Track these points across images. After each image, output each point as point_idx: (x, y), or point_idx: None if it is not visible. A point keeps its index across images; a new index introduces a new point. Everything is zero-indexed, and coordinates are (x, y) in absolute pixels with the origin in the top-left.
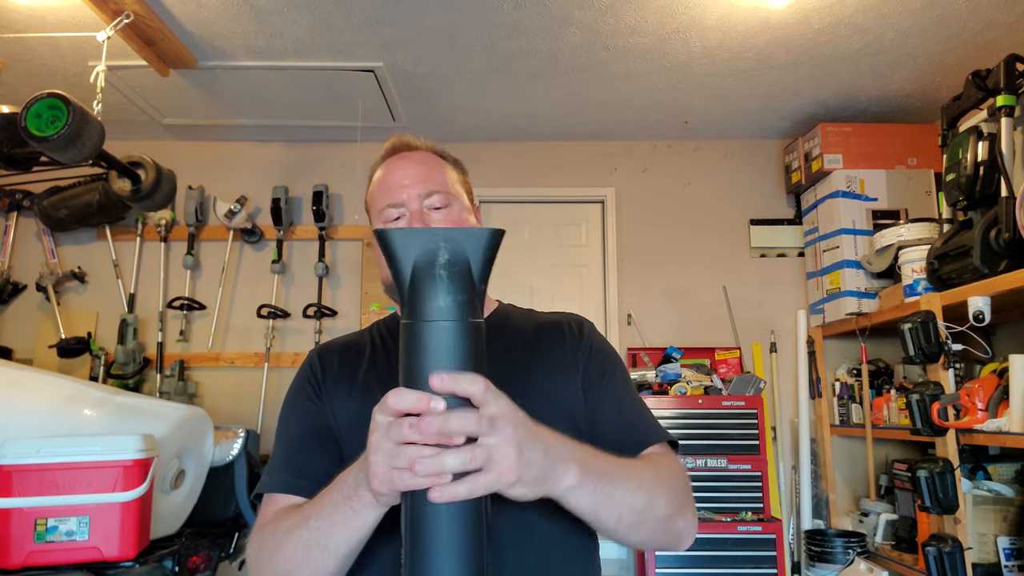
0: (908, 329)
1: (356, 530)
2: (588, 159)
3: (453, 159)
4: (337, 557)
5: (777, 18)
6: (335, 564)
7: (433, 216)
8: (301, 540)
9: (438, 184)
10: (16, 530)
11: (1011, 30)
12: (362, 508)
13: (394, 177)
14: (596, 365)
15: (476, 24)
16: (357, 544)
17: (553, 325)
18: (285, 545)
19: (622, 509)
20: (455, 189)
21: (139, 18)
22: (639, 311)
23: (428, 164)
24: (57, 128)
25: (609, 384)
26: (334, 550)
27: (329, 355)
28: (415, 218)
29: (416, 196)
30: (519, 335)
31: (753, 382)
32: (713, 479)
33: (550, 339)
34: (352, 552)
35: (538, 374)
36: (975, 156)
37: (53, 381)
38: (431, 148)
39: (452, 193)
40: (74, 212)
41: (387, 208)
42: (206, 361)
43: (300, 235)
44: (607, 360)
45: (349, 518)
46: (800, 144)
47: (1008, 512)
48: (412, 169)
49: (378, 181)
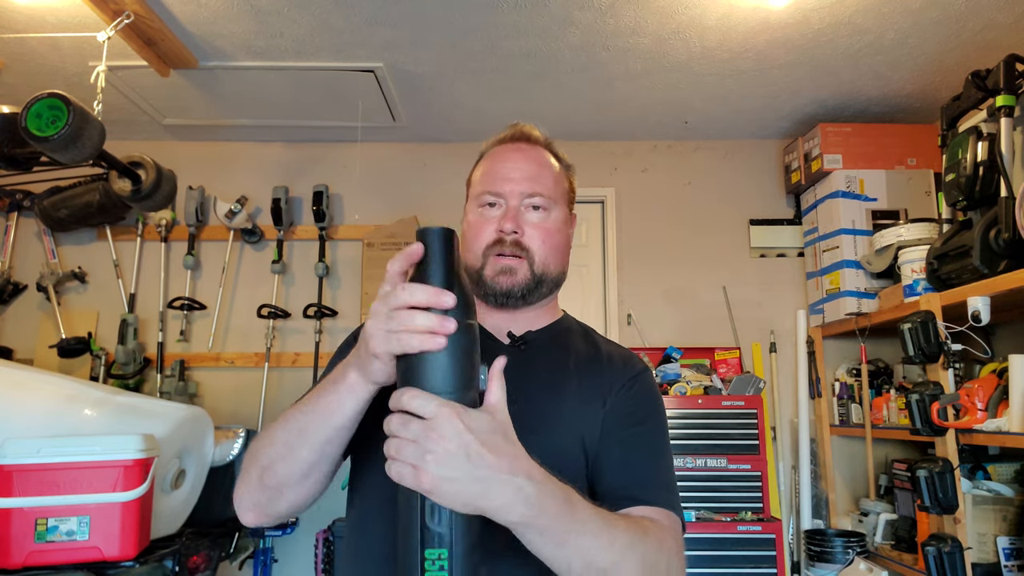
0: (908, 329)
1: (333, 414)
2: (588, 159)
3: (566, 164)
4: (311, 444)
5: (777, 18)
6: (309, 451)
7: (530, 216)
8: (287, 424)
9: (543, 187)
10: (16, 530)
11: (1011, 30)
12: (346, 391)
13: (504, 167)
14: (629, 406)
15: (476, 24)
16: (333, 432)
17: (607, 356)
18: (275, 431)
19: (574, 562)
20: (559, 195)
21: (139, 18)
22: (639, 311)
23: (540, 164)
24: (57, 128)
25: (633, 430)
26: (311, 435)
27: None
28: (511, 214)
29: (519, 193)
30: (566, 355)
31: (753, 382)
32: (713, 479)
33: (594, 369)
34: (326, 440)
35: (568, 402)
36: (975, 156)
37: (53, 381)
38: (548, 147)
39: (554, 198)
40: (74, 212)
41: (486, 194)
42: (206, 361)
43: (300, 235)
44: (642, 407)
45: (331, 401)
46: (800, 144)
47: (1008, 512)
48: (524, 165)
49: (487, 164)
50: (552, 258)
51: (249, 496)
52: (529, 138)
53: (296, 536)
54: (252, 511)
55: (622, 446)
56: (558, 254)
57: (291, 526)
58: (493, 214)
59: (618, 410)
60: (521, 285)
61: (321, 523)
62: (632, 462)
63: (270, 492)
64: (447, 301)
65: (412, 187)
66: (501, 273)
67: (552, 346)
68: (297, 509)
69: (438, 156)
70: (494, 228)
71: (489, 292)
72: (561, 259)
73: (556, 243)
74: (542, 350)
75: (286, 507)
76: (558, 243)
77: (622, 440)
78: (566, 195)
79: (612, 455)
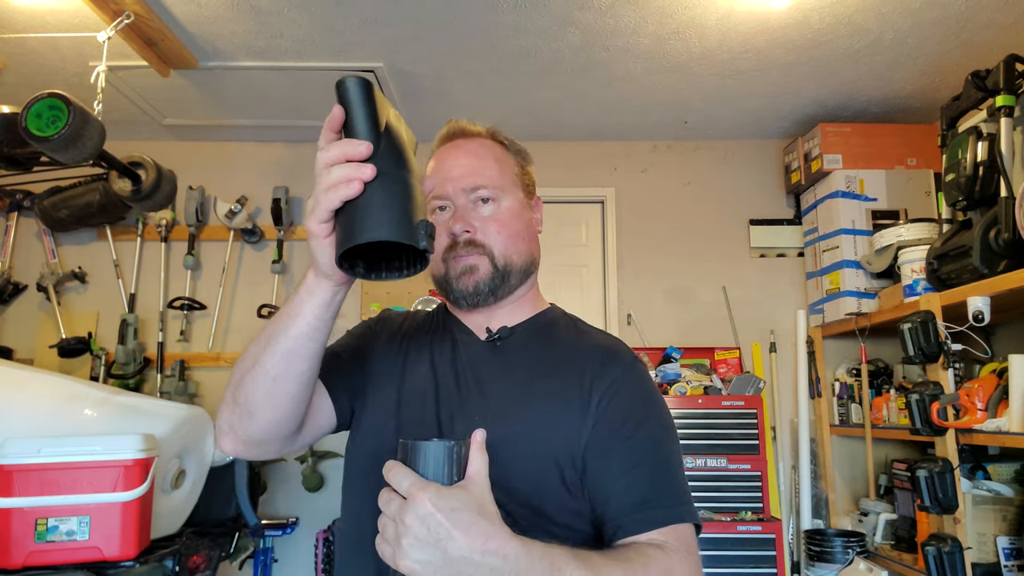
0: (908, 329)
1: (295, 317)
2: (588, 159)
3: (516, 148)
4: (276, 353)
5: (777, 18)
6: (273, 362)
7: (482, 211)
8: (257, 339)
9: (487, 179)
10: (17, 530)
11: (1010, 30)
12: (304, 293)
13: (445, 166)
14: (621, 412)
15: (476, 24)
16: (296, 341)
17: (589, 349)
18: (248, 348)
19: None
20: (508, 182)
21: (139, 19)
22: (639, 311)
23: (480, 156)
24: (58, 128)
25: (630, 443)
26: (276, 343)
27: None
28: (461, 213)
29: (462, 190)
30: (547, 350)
31: (753, 382)
32: (713, 479)
33: (575, 364)
34: (290, 351)
35: (540, 404)
36: (974, 156)
37: (54, 381)
38: (493, 136)
39: (502, 186)
40: (75, 212)
41: (433, 199)
42: (206, 361)
43: (300, 235)
44: (636, 410)
45: (292, 305)
46: (800, 144)
47: (1008, 512)
48: (464, 160)
49: (431, 167)
50: (513, 247)
51: (225, 418)
52: (465, 132)
53: (296, 536)
54: (228, 435)
55: (621, 461)
56: (520, 241)
57: (291, 526)
58: (444, 218)
59: (610, 418)
60: (486, 280)
61: (321, 523)
62: (634, 483)
63: (240, 411)
64: (360, 150)
65: None
66: (463, 273)
67: (532, 341)
68: (270, 437)
69: None
70: (446, 232)
71: (458, 295)
72: (524, 246)
73: (514, 231)
74: (520, 346)
75: (258, 430)
76: (516, 231)
77: (622, 455)
78: (517, 180)
79: (611, 472)
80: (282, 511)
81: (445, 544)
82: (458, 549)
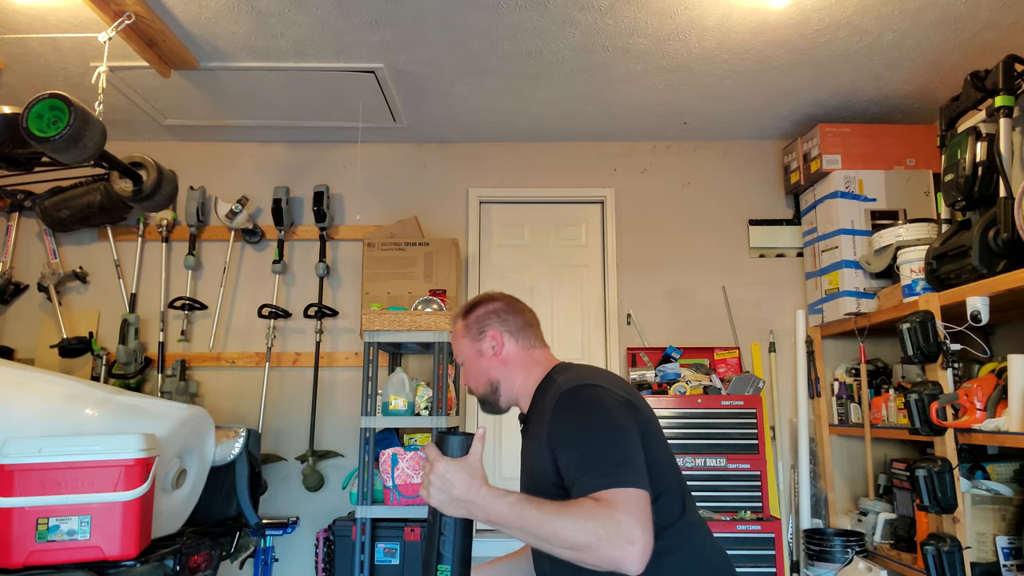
0: (907, 329)
1: None
2: (588, 159)
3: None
4: None
5: (776, 19)
6: None
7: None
8: None
9: (457, 354)
10: (18, 529)
11: (1009, 31)
12: None
13: None
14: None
15: (476, 25)
16: None
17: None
18: None
19: (529, 538)
20: (464, 347)
21: (140, 19)
22: (639, 311)
23: (455, 339)
24: (59, 129)
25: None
26: None
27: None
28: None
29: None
30: (540, 418)
31: (752, 382)
32: (712, 478)
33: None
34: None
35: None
36: (973, 156)
37: (55, 381)
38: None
39: (461, 352)
40: (76, 212)
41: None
42: (207, 361)
43: (301, 235)
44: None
45: None
46: (799, 144)
47: (1007, 511)
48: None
49: None
50: (475, 382)
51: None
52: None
53: (296, 536)
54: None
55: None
56: (478, 377)
57: (292, 525)
58: None
59: (554, 442)
60: (482, 402)
61: (321, 522)
62: (569, 471)
63: None
64: None
65: (413, 187)
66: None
67: (536, 413)
68: None
69: (439, 157)
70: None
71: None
72: (482, 378)
73: (472, 374)
74: (532, 421)
75: None
76: (472, 373)
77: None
78: (469, 335)
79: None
80: (283, 510)
81: (449, 490)
82: (457, 492)
